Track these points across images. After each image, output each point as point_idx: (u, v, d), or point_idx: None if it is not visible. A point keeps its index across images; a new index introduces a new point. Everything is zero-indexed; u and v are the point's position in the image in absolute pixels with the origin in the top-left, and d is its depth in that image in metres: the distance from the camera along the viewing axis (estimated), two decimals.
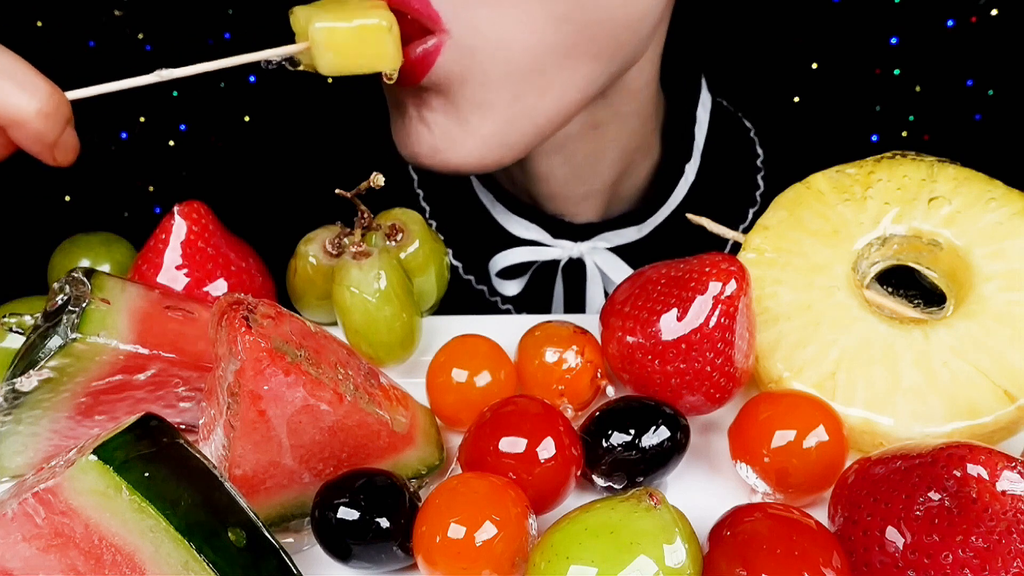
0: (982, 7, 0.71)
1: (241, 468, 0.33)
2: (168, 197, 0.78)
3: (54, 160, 0.37)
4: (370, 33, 0.41)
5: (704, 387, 0.36)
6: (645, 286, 0.37)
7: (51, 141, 0.36)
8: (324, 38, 0.41)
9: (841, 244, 0.39)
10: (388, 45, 0.41)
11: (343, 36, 0.41)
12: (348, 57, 0.41)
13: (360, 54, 0.41)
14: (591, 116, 0.53)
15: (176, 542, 0.26)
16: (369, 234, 0.42)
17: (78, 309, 0.35)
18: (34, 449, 0.36)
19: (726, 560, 0.29)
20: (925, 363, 0.36)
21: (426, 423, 0.38)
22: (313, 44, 0.41)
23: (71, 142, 0.38)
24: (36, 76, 0.35)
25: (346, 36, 0.41)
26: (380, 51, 0.42)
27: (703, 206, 0.50)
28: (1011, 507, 0.28)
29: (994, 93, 0.73)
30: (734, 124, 0.63)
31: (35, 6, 0.73)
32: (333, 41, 0.41)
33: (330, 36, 0.41)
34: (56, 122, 0.36)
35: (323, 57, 0.41)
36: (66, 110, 0.36)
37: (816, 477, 0.34)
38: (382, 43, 0.41)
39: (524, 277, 0.60)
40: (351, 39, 0.41)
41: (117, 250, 0.46)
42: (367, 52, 0.41)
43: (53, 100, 0.35)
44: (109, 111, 0.75)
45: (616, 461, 0.35)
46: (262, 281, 0.43)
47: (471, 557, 0.30)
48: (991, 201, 0.38)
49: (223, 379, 0.32)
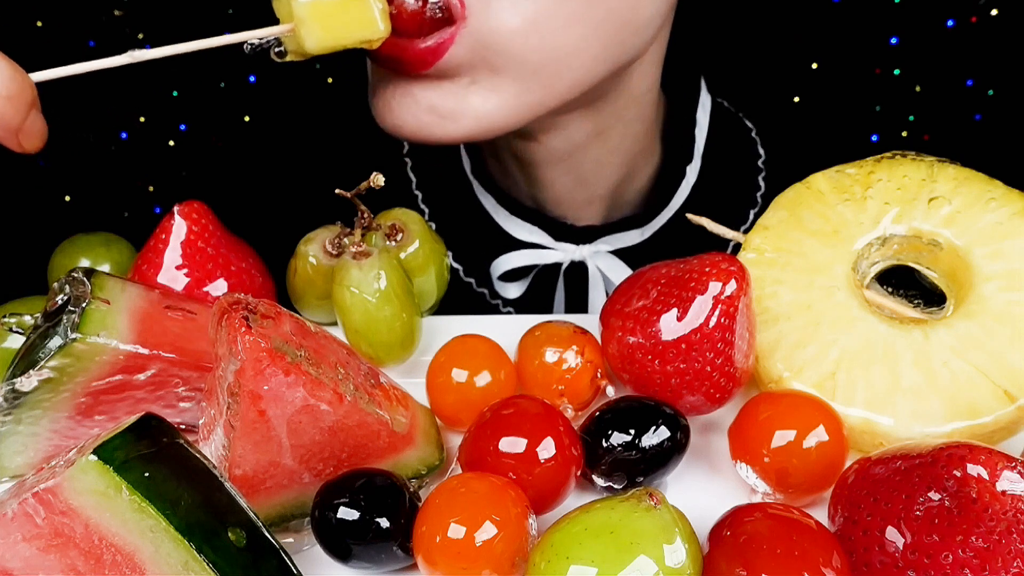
0: (982, 7, 0.71)
1: (241, 468, 0.33)
2: (168, 197, 0.78)
3: (20, 147, 0.35)
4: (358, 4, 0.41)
5: (704, 387, 0.36)
6: (645, 286, 0.37)
7: (14, 126, 0.34)
8: (308, 12, 0.40)
9: (841, 244, 0.39)
10: (372, 10, 0.41)
11: (327, 7, 0.40)
12: (334, 29, 0.41)
13: (345, 24, 0.41)
14: (596, 124, 0.53)
15: (176, 542, 0.26)
16: (369, 234, 0.42)
17: (78, 309, 0.35)
18: (34, 449, 0.36)
19: (726, 560, 0.29)
20: (925, 363, 0.36)
21: (426, 423, 0.38)
22: (298, 22, 0.40)
23: (37, 127, 0.35)
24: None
25: (330, 7, 0.40)
26: (365, 17, 0.41)
27: (705, 208, 0.50)
28: (1011, 507, 0.28)
29: (994, 93, 0.73)
30: (735, 125, 0.63)
31: (35, 6, 0.73)
32: (318, 14, 0.40)
33: (314, 9, 0.40)
34: (19, 106, 0.33)
35: (310, 34, 0.41)
36: (29, 93, 0.34)
37: (816, 477, 0.34)
38: (366, 8, 0.41)
39: (525, 280, 0.60)
40: (335, 9, 0.40)
41: (117, 250, 0.46)
42: (352, 21, 0.41)
43: (16, 82, 0.33)
44: (109, 111, 0.75)
45: (616, 461, 0.35)
46: (262, 281, 0.43)
47: (471, 557, 0.30)
48: (991, 201, 0.38)
49: (223, 379, 0.32)
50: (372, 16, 0.41)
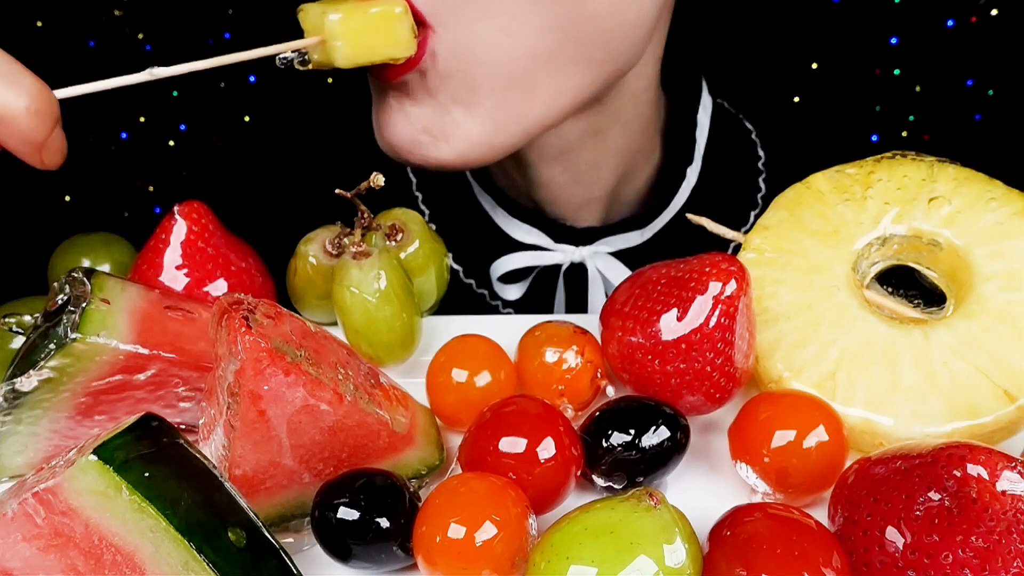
0: (982, 7, 0.71)
1: (241, 468, 0.33)
2: (168, 197, 0.78)
3: (41, 162, 0.35)
4: (386, 20, 0.41)
5: (704, 387, 0.36)
6: (645, 286, 0.37)
7: (40, 141, 0.34)
8: (340, 29, 0.40)
9: (841, 244, 0.39)
10: (403, 30, 0.41)
11: (359, 25, 0.40)
12: (364, 46, 0.41)
13: (376, 42, 0.41)
14: (592, 123, 0.53)
15: (176, 542, 0.26)
16: (369, 234, 0.42)
17: (78, 309, 0.35)
18: (34, 449, 0.36)
19: (726, 560, 0.29)
20: (925, 363, 0.36)
21: (426, 423, 0.38)
22: (329, 37, 0.40)
23: (59, 143, 0.36)
24: (24, 73, 0.34)
25: (362, 25, 0.40)
26: (395, 37, 0.41)
27: (705, 209, 0.50)
28: (1011, 507, 0.28)
29: (994, 93, 0.73)
30: (735, 126, 0.63)
31: (35, 6, 0.73)
32: (349, 31, 0.40)
33: (346, 26, 0.40)
34: (45, 121, 0.34)
35: (339, 49, 0.41)
36: (55, 109, 0.35)
37: (816, 477, 0.34)
38: (398, 28, 0.41)
39: (525, 281, 0.60)
40: (367, 27, 0.41)
41: (117, 250, 0.46)
42: (383, 39, 0.41)
43: (43, 97, 0.34)
44: (109, 111, 0.75)
45: (616, 461, 0.35)
46: (262, 281, 0.43)
47: (471, 557, 0.30)
48: (991, 201, 0.38)
49: (223, 379, 0.32)
50: (404, 35, 0.41)
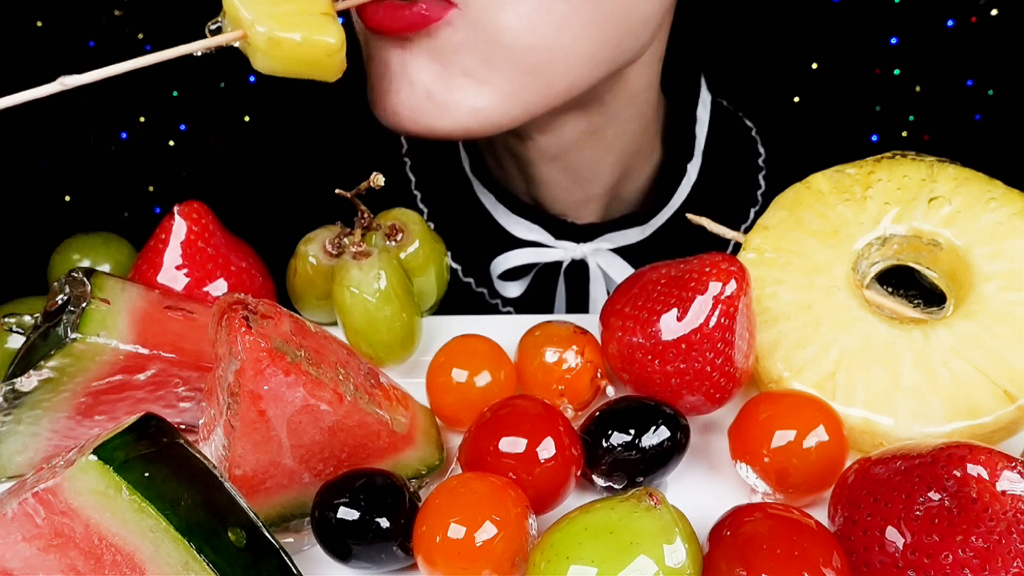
0: (982, 7, 0.71)
1: (241, 468, 0.33)
2: (168, 197, 0.78)
3: None
4: (319, 49, 0.37)
5: (704, 387, 0.36)
6: (645, 286, 0.37)
7: None
8: (264, 43, 0.36)
9: (841, 244, 0.39)
10: (335, 64, 0.38)
11: (288, 47, 0.36)
12: (287, 64, 0.37)
13: (302, 66, 0.38)
14: (590, 123, 0.53)
15: (176, 542, 0.26)
16: (369, 234, 0.42)
17: (78, 309, 0.35)
18: (34, 449, 0.36)
19: (726, 560, 0.29)
20: (925, 363, 0.36)
21: (426, 423, 0.38)
22: (251, 43, 0.37)
23: None
24: None
25: (291, 48, 0.36)
26: (326, 67, 0.38)
27: (705, 206, 0.50)
28: (1011, 507, 0.28)
29: (994, 93, 0.73)
30: (735, 124, 0.63)
31: (35, 6, 0.72)
32: (274, 49, 0.36)
33: (272, 44, 0.36)
34: None
35: (259, 59, 0.37)
36: None
37: (816, 477, 0.34)
38: (330, 62, 0.38)
39: (526, 279, 0.60)
40: (296, 52, 0.37)
41: (117, 250, 0.46)
42: (310, 66, 0.38)
43: None
44: (109, 111, 0.75)
45: (616, 461, 0.35)
46: (262, 281, 0.43)
47: (471, 557, 0.30)
48: (991, 201, 0.38)
49: (223, 379, 0.32)
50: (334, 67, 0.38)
